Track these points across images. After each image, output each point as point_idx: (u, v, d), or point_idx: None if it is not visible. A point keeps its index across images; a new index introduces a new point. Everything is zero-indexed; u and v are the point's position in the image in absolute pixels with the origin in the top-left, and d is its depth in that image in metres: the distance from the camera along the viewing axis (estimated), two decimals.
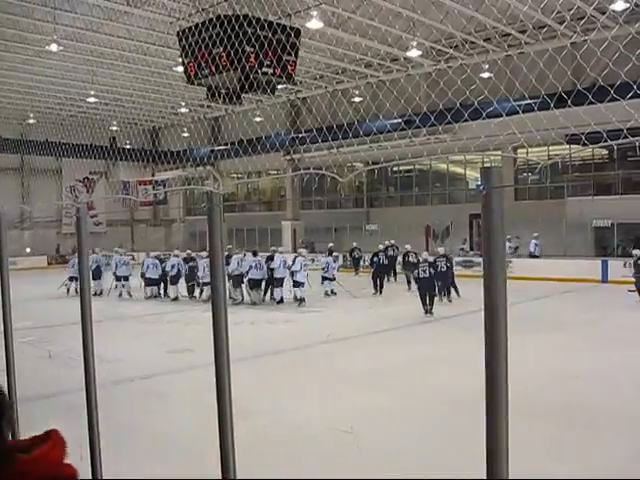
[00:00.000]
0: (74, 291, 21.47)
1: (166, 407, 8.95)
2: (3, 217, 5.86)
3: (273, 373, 10.74)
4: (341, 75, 29.87)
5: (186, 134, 41.55)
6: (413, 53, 23.98)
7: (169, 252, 26.62)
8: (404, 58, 26.09)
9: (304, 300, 19.70)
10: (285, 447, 7.10)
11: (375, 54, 25.94)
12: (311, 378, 10.40)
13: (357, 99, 31.03)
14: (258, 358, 11.70)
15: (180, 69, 20.44)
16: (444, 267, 18.91)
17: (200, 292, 21.08)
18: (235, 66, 15.02)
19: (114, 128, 39.84)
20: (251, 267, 19.87)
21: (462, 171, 34.52)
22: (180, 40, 17.02)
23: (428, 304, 17.36)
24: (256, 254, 20.83)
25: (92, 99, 31.26)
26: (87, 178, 44.41)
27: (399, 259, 25.01)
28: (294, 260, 19.96)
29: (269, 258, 20.22)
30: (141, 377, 10.59)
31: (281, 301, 19.89)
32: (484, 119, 17.14)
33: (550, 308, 18.37)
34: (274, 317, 17.20)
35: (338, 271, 23.93)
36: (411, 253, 22.52)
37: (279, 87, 20.47)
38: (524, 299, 17.71)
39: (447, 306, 18.51)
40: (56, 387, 9.63)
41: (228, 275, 20.03)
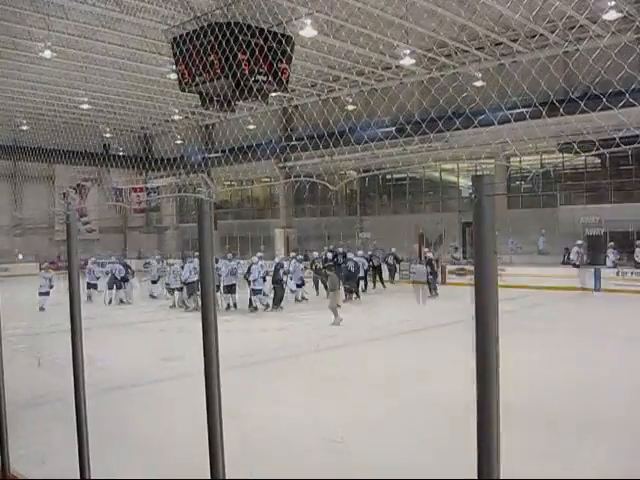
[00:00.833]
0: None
1: (156, 414, 8.90)
2: None
3: (263, 381, 10.70)
4: (334, 83, 29.90)
5: (179, 141, 41.54)
6: (406, 61, 24.05)
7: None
8: (396, 66, 26.16)
9: (269, 306, 20.06)
10: (275, 456, 7.07)
11: (368, 62, 25.99)
12: (301, 386, 10.36)
13: (350, 107, 31.05)
14: (248, 366, 11.66)
15: (173, 76, 20.50)
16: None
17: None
18: (228, 73, 15.04)
19: (107, 135, 39.77)
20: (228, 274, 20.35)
21: (455, 179, 34.55)
22: (173, 47, 17.04)
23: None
24: (231, 260, 21.30)
25: (85, 106, 31.20)
26: (80, 184, 44.29)
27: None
28: (249, 268, 20.00)
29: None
30: (132, 384, 10.54)
31: (254, 307, 20.24)
32: (476, 127, 17.21)
33: (543, 316, 18.35)
34: (266, 325, 17.14)
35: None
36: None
37: (272, 94, 20.48)
38: (516, 307, 17.72)
39: (439, 314, 18.47)
40: (45, 394, 9.59)
41: (184, 282, 20.79)
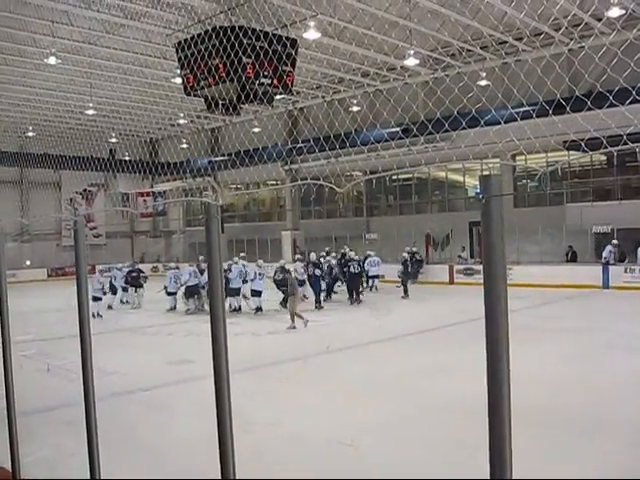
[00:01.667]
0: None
1: (166, 419, 8.90)
2: (2, 230, 5.84)
3: (273, 384, 10.70)
4: (338, 85, 29.91)
5: (185, 145, 41.63)
6: (410, 62, 24.00)
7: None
8: (401, 67, 26.14)
9: (261, 309, 20.13)
10: (286, 459, 7.06)
11: (372, 63, 25.99)
12: (311, 389, 10.34)
13: (355, 108, 31.05)
14: (258, 368, 11.66)
15: (178, 80, 20.51)
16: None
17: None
18: (232, 77, 15.06)
19: (113, 140, 39.88)
20: (190, 276, 20.85)
21: (461, 179, 34.51)
22: (177, 52, 17.07)
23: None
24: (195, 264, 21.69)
25: (91, 111, 31.27)
26: (86, 190, 44.47)
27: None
28: (229, 268, 20.11)
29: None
30: (141, 389, 10.55)
31: (239, 310, 20.42)
32: (482, 127, 17.20)
33: (551, 315, 18.32)
34: (274, 328, 17.14)
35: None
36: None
37: (277, 97, 20.50)
38: (524, 306, 17.68)
39: (445, 314, 18.43)
40: (55, 400, 9.61)
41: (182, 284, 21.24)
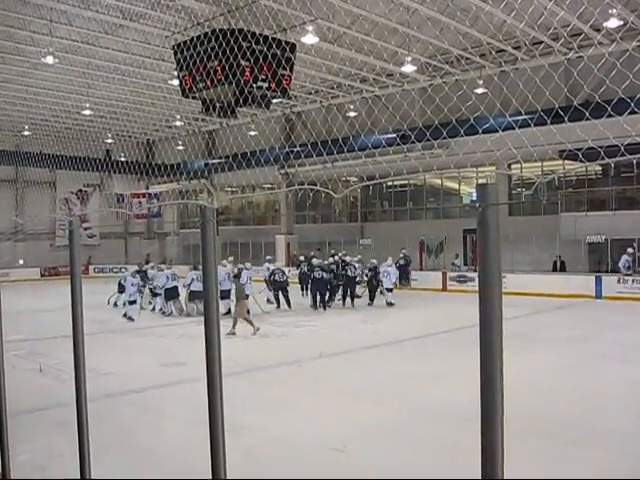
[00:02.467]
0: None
1: (159, 421, 8.89)
2: None
3: (265, 388, 10.68)
4: (336, 90, 29.95)
5: (181, 147, 41.62)
6: (408, 68, 24.06)
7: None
8: (399, 73, 26.19)
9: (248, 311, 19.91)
10: (277, 464, 7.04)
11: (370, 69, 26.04)
12: (304, 393, 10.34)
13: (352, 114, 31.11)
14: (250, 372, 11.64)
15: (175, 82, 20.51)
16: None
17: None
18: (230, 80, 15.06)
19: (109, 141, 39.86)
20: (193, 280, 20.33)
21: (456, 186, 34.58)
22: (175, 54, 17.06)
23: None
24: (197, 268, 21.01)
25: (87, 111, 31.24)
26: (81, 190, 44.42)
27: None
28: (239, 273, 19.95)
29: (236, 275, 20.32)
30: (134, 390, 10.53)
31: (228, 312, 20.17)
32: (480, 134, 17.23)
33: (544, 324, 18.33)
34: (267, 331, 17.12)
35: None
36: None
37: (274, 101, 20.51)
38: (518, 314, 17.71)
39: (438, 321, 18.45)
40: (47, 400, 9.58)
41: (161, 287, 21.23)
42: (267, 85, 16.03)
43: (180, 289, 21.10)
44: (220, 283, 19.70)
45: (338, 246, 31.34)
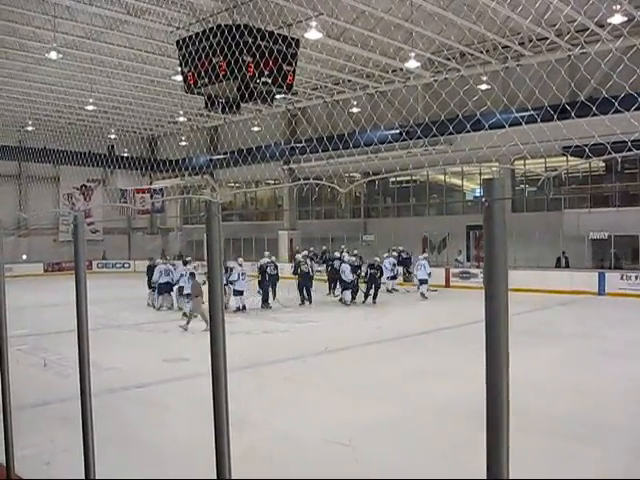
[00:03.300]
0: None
1: (162, 416, 8.89)
2: (0, 224, 5.83)
3: (270, 383, 10.68)
4: (340, 85, 29.90)
5: (184, 143, 41.61)
6: (412, 64, 23.99)
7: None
8: (401, 69, 26.13)
9: (245, 307, 20.35)
10: (282, 460, 7.03)
11: (375, 65, 25.99)
12: (308, 389, 10.34)
13: (356, 109, 31.04)
14: (254, 368, 11.64)
15: (179, 78, 20.46)
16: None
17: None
18: (234, 75, 15.03)
19: (112, 136, 39.84)
20: (182, 275, 20.48)
21: (460, 182, 34.51)
22: (179, 49, 17.04)
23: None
24: (186, 263, 21.45)
25: (91, 107, 31.25)
26: (85, 186, 44.46)
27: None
28: (230, 270, 20.02)
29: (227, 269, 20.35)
30: (137, 386, 10.53)
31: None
32: (486, 130, 17.15)
33: (547, 320, 18.31)
34: (271, 327, 17.14)
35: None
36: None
37: (278, 97, 20.49)
38: (521, 311, 17.67)
39: (444, 318, 18.44)
40: (50, 395, 9.59)
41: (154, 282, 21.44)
42: (271, 81, 16.00)
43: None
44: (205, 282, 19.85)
45: (341, 242, 31.33)
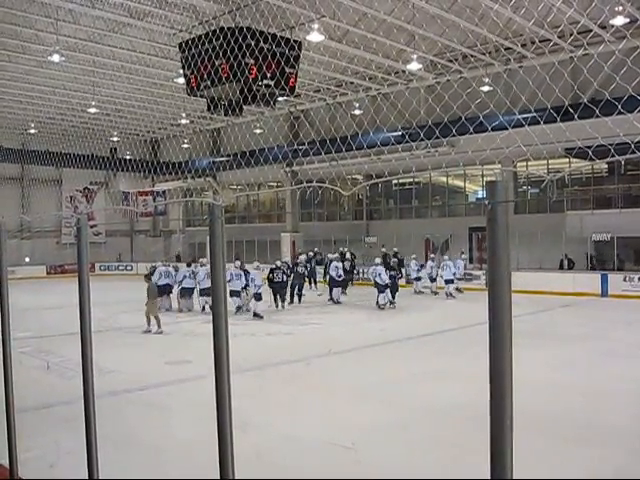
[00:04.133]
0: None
1: (164, 419, 8.89)
2: (3, 227, 5.84)
3: (273, 385, 10.68)
4: (343, 88, 29.90)
5: (186, 145, 41.64)
6: (414, 66, 24.00)
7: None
8: (403, 71, 26.13)
9: (241, 307, 20.36)
10: (285, 461, 7.03)
11: (377, 67, 25.99)
12: (312, 391, 10.33)
13: (358, 112, 31.06)
14: (257, 370, 11.64)
15: (181, 80, 20.52)
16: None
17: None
18: (237, 78, 15.05)
19: (115, 139, 39.92)
20: (185, 277, 21.01)
21: (462, 184, 34.50)
22: (182, 52, 17.08)
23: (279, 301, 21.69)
24: (190, 265, 21.92)
25: (93, 110, 31.28)
26: (87, 188, 44.52)
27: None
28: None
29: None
30: (139, 388, 10.53)
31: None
32: (489, 132, 17.15)
33: (550, 322, 18.31)
34: (274, 329, 17.13)
35: None
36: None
37: (280, 99, 20.49)
38: (524, 312, 17.66)
39: (445, 320, 18.44)
40: (53, 397, 9.59)
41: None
42: (273, 83, 16.02)
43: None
44: (199, 282, 20.58)
45: (343, 244, 31.36)
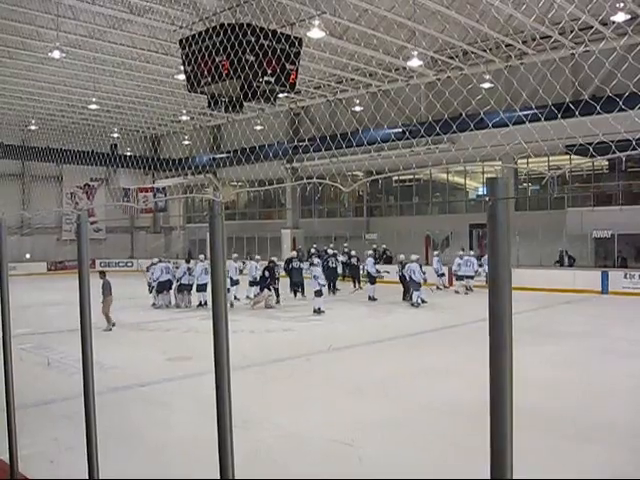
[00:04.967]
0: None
1: (165, 415, 8.89)
2: (3, 223, 5.83)
3: (273, 382, 10.67)
4: (343, 84, 29.86)
5: (187, 142, 41.62)
6: (414, 63, 23.95)
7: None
8: (404, 68, 26.08)
9: (232, 304, 20.48)
10: (285, 458, 7.04)
11: (377, 64, 25.94)
12: (312, 387, 10.32)
13: (358, 108, 31.02)
14: (258, 366, 11.64)
15: (182, 77, 20.48)
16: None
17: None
18: (237, 74, 15.02)
19: (115, 135, 39.88)
20: (185, 273, 21.21)
21: (462, 181, 34.50)
22: (182, 48, 17.04)
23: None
24: (188, 261, 22.18)
25: (94, 106, 31.28)
26: (88, 185, 44.53)
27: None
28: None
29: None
30: (139, 385, 10.53)
31: (205, 304, 20.53)
32: (489, 128, 17.13)
33: (551, 319, 18.30)
34: (274, 326, 17.13)
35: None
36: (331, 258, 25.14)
37: (280, 95, 20.46)
38: (524, 309, 17.66)
39: (448, 316, 18.45)
40: (54, 394, 9.60)
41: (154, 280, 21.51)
42: (273, 79, 15.99)
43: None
44: (197, 278, 20.77)
45: (344, 240, 31.37)
